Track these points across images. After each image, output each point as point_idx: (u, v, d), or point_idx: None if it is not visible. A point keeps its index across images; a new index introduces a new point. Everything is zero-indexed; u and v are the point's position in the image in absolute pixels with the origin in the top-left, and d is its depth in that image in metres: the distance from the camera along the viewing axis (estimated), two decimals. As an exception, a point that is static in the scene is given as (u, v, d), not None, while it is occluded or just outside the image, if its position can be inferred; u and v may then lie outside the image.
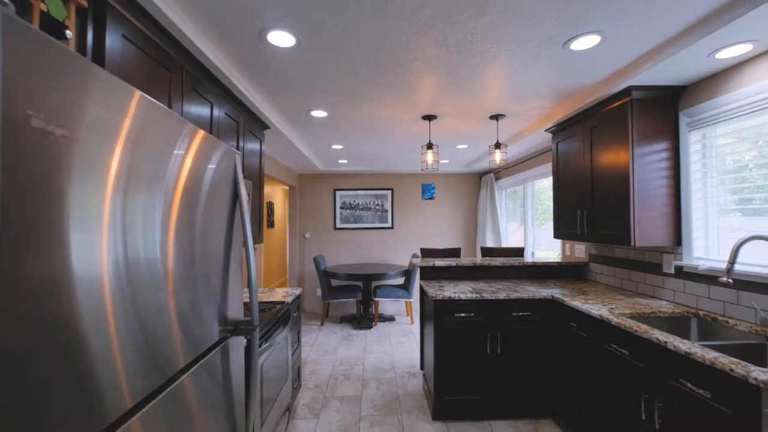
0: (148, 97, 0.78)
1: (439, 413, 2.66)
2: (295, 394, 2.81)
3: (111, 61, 1.27)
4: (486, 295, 2.63)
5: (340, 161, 5.26)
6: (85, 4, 1.17)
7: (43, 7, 1.01)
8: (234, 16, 1.57)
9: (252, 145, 2.75)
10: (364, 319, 5.21)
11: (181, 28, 1.52)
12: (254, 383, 1.19)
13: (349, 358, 3.95)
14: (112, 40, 1.27)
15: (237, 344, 1.19)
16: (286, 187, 6.26)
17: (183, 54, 1.70)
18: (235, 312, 1.18)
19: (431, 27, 1.67)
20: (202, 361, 0.96)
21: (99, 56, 1.24)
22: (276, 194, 8.01)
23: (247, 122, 2.61)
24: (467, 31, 1.71)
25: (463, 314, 2.65)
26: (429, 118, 3.11)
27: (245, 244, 1.18)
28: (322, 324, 5.35)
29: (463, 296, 2.63)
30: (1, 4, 0.43)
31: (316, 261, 5.19)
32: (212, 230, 1.06)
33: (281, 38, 1.74)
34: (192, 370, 0.91)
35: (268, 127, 3.05)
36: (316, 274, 6.12)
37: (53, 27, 1.06)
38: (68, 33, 1.03)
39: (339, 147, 4.27)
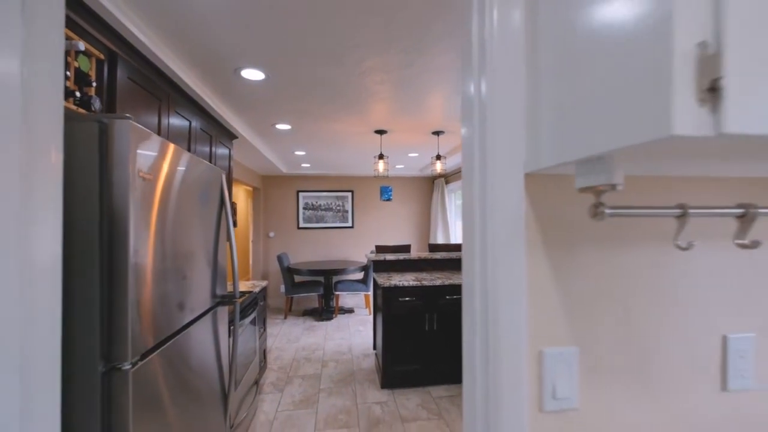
0: (182, 149, 1.20)
1: (386, 382, 3.16)
2: (262, 372, 3.20)
3: (120, 95, 1.64)
4: (425, 283, 3.18)
5: (303, 165, 5.64)
6: (102, 57, 1.54)
7: (77, 64, 1.39)
8: (215, 59, 1.97)
9: (222, 151, 3.11)
10: (325, 311, 5.64)
11: (172, 68, 1.91)
12: (236, 342, 1.61)
13: (311, 345, 4.37)
14: (121, 80, 1.64)
15: (223, 313, 1.61)
16: (250, 189, 6.53)
17: (169, 84, 2.07)
18: (222, 289, 1.60)
19: (372, 72, 2.16)
20: (201, 319, 1.38)
21: (112, 93, 1.61)
22: (239, 195, 8.19)
23: (218, 134, 2.97)
24: (401, 74, 2.21)
25: (407, 298, 3.18)
26: (380, 132, 3.61)
27: (229, 239, 1.60)
28: (285, 317, 5.70)
29: (407, 284, 3.15)
30: (126, 118, 0.84)
31: (279, 258, 5.53)
32: (207, 228, 1.48)
33: (252, 74, 2.16)
34: (194, 324, 1.33)
35: (236, 137, 3.41)
36: (280, 272, 6.45)
37: (83, 76, 1.43)
38: (96, 104, 1.38)
39: (302, 153, 4.67)
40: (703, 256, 0.71)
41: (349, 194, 6.67)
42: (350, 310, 6.03)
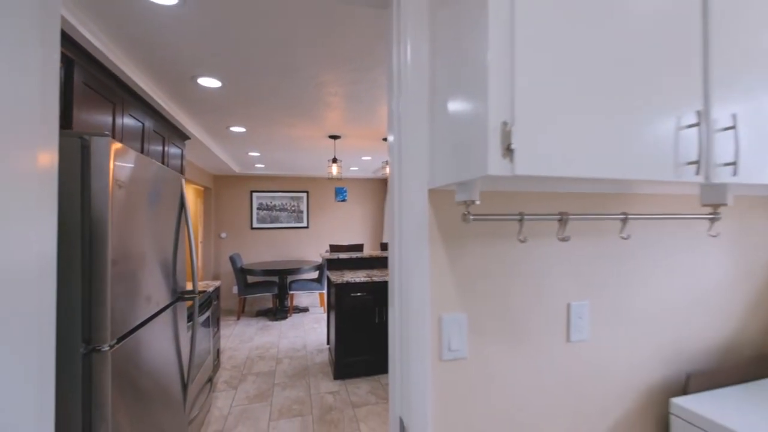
0: (151, 160, 1.32)
1: (338, 374, 3.37)
2: (215, 370, 3.26)
3: (76, 99, 1.70)
4: (375, 279, 3.43)
5: (257, 165, 5.66)
6: (60, 64, 1.60)
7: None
8: (172, 66, 2.06)
9: (175, 151, 3.14)
10: (280, 311, 5.70)
11: (128, 74, 1.98)
12: (195, 334, 1.74)
13: (265, 344, 4.44)
14: (77, 86, 1.70)
15: (182, 308, 1.72)
16: (200, 188, 6.39)
17: (124, 89, 2.12)
18: (182, 286, 1.72)
19: (326, 85, 2.36)
20: (164, 312, 1.51)
21: (68, 97, 1.66)
22: (188, 195, 7.93)
23: (171, 135, 2.99)
24: (352, 88, 2.44)
25: (358, 294, 3.41)
26: (334, 137, 3.81)
27: (189, 240, 1.73)
28: (238, 318, 5.68)
29: (358, 280, 3.38)
30: (105, 136, 0.98)
31: (232, 259, 5.51)
32: (169, 229, 1.60)
33: (209, 82, 2.27)
34: (159, 316, 1.45)
35: (189, 138, 3.43)
36: (232, 273, 6.38)
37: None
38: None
39: (256, 154, 4.72)
40: (552, 246, 1.01)
41: (305, 195, 6.77)
42: (305, 309, 6.14)
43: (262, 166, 5.67)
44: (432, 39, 0.87)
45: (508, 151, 0.61)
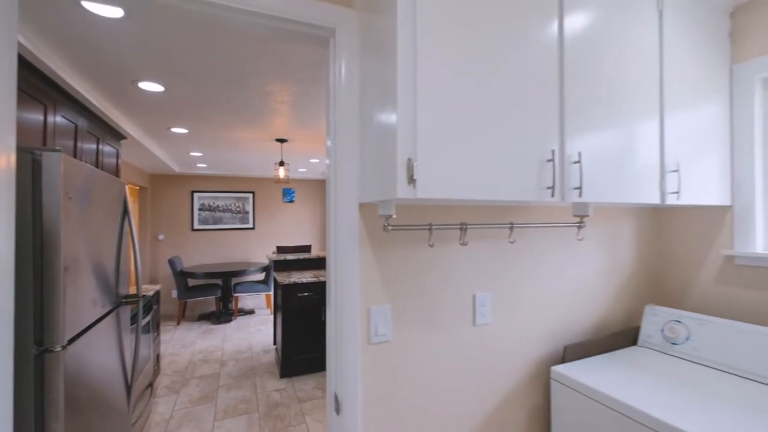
0: (102, 171, 1.36)
1: (285, 372, 3.46)
2: (155, 375, 3.19)
3: (5, 105, 1.65)
4: (322, 278, 3.56)
5: (199, 165, 5.49)
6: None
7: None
8: (111, 70, 2.04)
9: (110, 150, 3.02)
10: (224, 314, 5.59)
11: (62, 75, 1.93)
12: (139, 338, 1.77)
13: (208, 347, 4.37)
14: (8, 90, 1.65)
15: (126, 311, 1.75)
16: (135, 188, 6.02)
17: (56, 90, 2.06)
18: (125, 290, 1.74)
19: (273, 94, 2.46)
20: (109, 316, 1.54)
21: (-3, 102, 1.62)
22: (120, 193, 7.41)
23: (106, 134, 2.89)
24: (299, 98, 2.56)
25: (305, 293, 3.52)
26: (281, 140, 3.87)
27: (133, 243, 1.75)
28: (178, 323, 5.47)
29: (305, 280, 3.49)
30: (56, 151, 1.03)
31: (171, 262, 5.30)
32: (113, 235, 1.62)
33: (151, 86, 2.27)
34: (105, 319, 1.49)
35: (125, 138, 3.30)
36: (171, 276, 6.11)
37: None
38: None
39: (198, 154, 4.60)
40: (459, 249, 1.25)
41: (250, 195, 6.66)
42: (251, 312, 6.06)
43: (205, 165, 5.51)
44: (361, 77, 1.07)
45: (412, 180, 0.82)
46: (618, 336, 1.54)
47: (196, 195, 6.28)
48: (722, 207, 1.52)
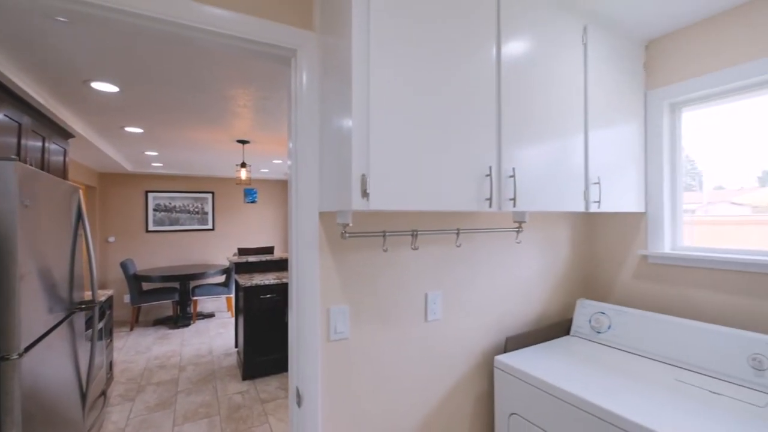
0: (56, 177, 1.34)
1: (248, 374, 3.45)
2: (108, 384, 3.07)
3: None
4: (285, 280, 3.58)
5: (155, 164, 5.27)
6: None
7: None
8: (60, 70, 1.97)
9: (56, 148, 2.88)
10: (182, 318, 5.41)
11: (7, 74, 1.85)
12: (95, 344, 1.74)
13: (165, 353, 4.23)
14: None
15: (80, 318, 1.71)
16: (83, 188, 5.66)
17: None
18: (80, 296, 1.71)
19: (234, 98, 2.47)
20: (64, 322, 1.51)
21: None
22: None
23: (52, 133, 2.75)
24: (261, 103, 2.58)
25: (268, 295, 3.52)
26: (243, 142, 3.84)
27: (88, 248, 1.72)
28: (131, 329, 5.23)
29: (267, 282, 3.50)
30: (12, 160, 1.03)
31: (124, 265, 5.06)
32: (67, 241, 1.59)
33: (104, 86, 2.21)
34: (60, 326, 1.46)
35: (73, 136, 3.14)
36: (123, 281, 5.82)
37: None
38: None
39: (154, 153, 4.44)
40: (412, 252, 1.37)
41: (210, 196, 6.48)
42: (211, 315, 5.91)
43: (160, 165, 5.30)
44: (321, 95, 1.15)
45: (365, 193, 0.92)
46: (553, 327, 1.74)
47: (150, 195, 6.02)
48: (639, 213, 1.76)
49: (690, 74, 1.58)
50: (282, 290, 3.59)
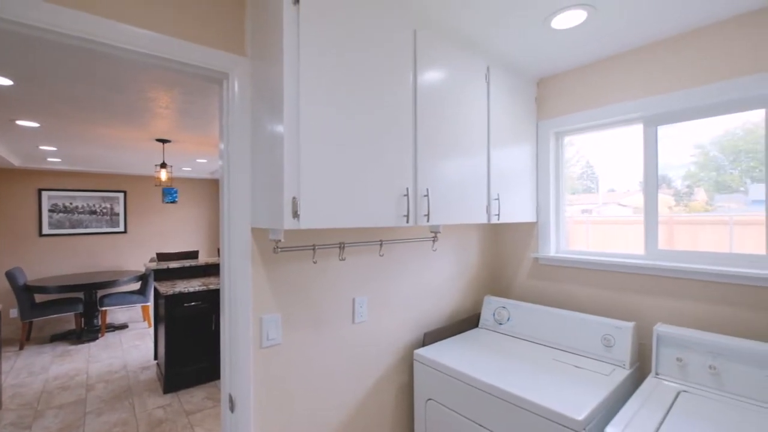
0: None
1: (169, 387, 3.27)
2: (-4, 413, 2.70)
3: None
4: (212, 286, 3.46)
5: (51, 159, 4.65)
6: None
7: None
8: (-60, 56, 1.72)
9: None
10: (87, 331, 4.86)
11: None
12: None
13: (68, 372, 3.80)
14: None
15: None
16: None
17: None
18: (-33, 317, 1.52)
19: (156, 100, 2.35)
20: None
21: None
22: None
23: None
24: (186, 106, 2.49)
25: (193, 303, 3.37)
26: (163, 141, 3.61)
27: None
28: (21, 348, 4.56)
29: (192, 289, 3.35)
30: None
31: (11, 275, 4.39)
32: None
33: (-2, 78, 1.96)
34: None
35: (-53, 128, 2.69)
36: (10, 292, 5.03)
37: None
38: None
39: (51, 148, 3.94)
40: (340, 262, 1.50)
41: (121, 195, 5.88)
42: (123, 326, 5.38)
43: (58, 160, 4.69)
44: (253, 118, 1.22)
45: (296, 214, 1.03)
46: (465, 321, 2.00)
47: (45, 194, 5.28)
48: (532, 223, 2.10)
49: (570, 110, 1.94)
50: (209, 297, 3.46)
